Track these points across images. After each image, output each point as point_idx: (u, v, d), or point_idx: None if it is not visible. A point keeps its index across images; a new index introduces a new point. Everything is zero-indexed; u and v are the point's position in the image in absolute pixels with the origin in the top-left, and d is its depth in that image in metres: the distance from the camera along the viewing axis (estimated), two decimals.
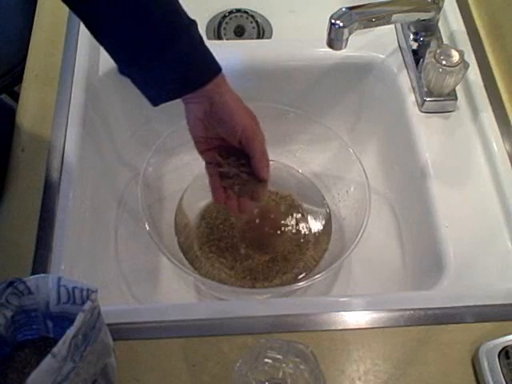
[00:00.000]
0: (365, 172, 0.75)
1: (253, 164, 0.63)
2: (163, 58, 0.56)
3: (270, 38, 0.91)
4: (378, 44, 0.82)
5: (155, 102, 0.60)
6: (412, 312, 0.60)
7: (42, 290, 0.47)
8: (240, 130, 0.61)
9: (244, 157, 0.64)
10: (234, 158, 0.65)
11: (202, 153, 0.66)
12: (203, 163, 0.85)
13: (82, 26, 0.80)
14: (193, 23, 0.58)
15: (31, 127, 0.73)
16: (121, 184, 0.84)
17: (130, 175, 0.85)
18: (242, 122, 0.61)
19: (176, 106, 0.78)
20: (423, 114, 0.75)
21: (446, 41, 0.80)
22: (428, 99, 0.74)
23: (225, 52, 0.63)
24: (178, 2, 0.57)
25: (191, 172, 0.84)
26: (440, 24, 0.79)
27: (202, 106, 0.60)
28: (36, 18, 0.83)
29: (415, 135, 0.74)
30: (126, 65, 0.58)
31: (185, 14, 0.58)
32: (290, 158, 0.86)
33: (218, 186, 0.66)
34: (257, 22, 0.91)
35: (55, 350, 0.41)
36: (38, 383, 0.41)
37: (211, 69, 0.59)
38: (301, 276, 0.75)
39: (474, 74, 0.76)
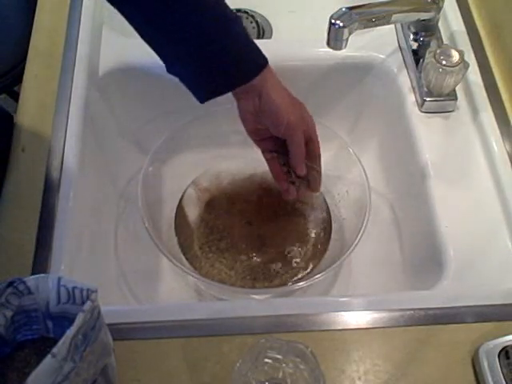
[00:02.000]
0: (365, 172, 0.75)
1: (290, 160, 0.66)
2: (211, 53, 0.56)
3: (270, 38, 0.91)
4: (378, 44, 0.82)
5: (203, 98, 0.60)
6: (412, 312, 0.60)
7: (42, 290, 0.47)
8: (283, 126, 0.62)
9: None
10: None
11: (255, 142, 0.68)
12: (203, 163, 0.85)
13: (83, 26, 0.81)
14: (238, 18, 0.58)
15: (31, 127, 0.73)
16: (121, 184, 0.84)
17: (130, 175, 0.85)
18: (285, 119, 0.62)
19: (176, 106, 0.79)
20: (423, 113, 0.75)
21: (446, 41, 0.80)
22: (428, 99, 0.74)
23: None
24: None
25: (191, 172, 0.84)
26: (440, 24, 0.79)
27: (251, 100, 0.62)
28: (36, 18, 0.83)
29: (415, 135, 0.74)
30: (174, 62, 0.58)
31: (229, 9, 0.58)
32: None
33: (278, 170, 0.69)
34: (257, 22, 0.91)
35: (55, 350, 0.41)
36: (38, 383, 0.41)
37: (258, 62, 0.60)
38: (301, 276, 0.75)
39: (473, 73, 0.76)
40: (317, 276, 0.67)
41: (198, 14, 0.55)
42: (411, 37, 0.79)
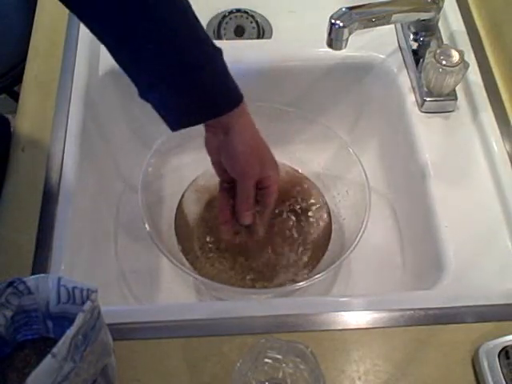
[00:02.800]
0: (365, 172, 0.75)
1: (235, 205, 0.66)
2: (185, 86, 0.56)
3: (269, 38, 0.91)
4: (378, 44, 0.82)
5: (174, 127, 0.60)
6: (412, 312, 0.60)
7: (42, 289, 0.47)
8: (235, 173, 0.63)
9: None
10: None
11: (216, 172, 0.68)
12: (203, 163, 0.85)
13: (82, 26, 0.80)
14: (218, 51, 0.58)
15: (31, 127, 0.73)
16: (121, 184, 0.84)
17: (129, 175, 0.85)
18: (239, 167, 0.63)
19: None
20: (423, 113, 0.75)
21: (446, 41, 0.80)
22: (428, 99, 0.74)
23: (225, 52, 0.63)
24: (204, 31, 0.57)
25: (191, 172, 0.84)
26: (440, 24, 0.79)
27: (217, 136, 0.62)
28: (36, 18, 0.83)
29: (415, 135, 0.74)
30: (147, 90, 0.58)
31: (211, 42, 0.57)
32: (290, 158, 0.86)
33: (225, 205, 0.69)
34: (257, 22, 0.91)
35: (55, 350, 0.41)
36: (38, 383, 0.41)
37: (232, 99, 0.59)
38: (301, 276, 0.75)
39: (473, 73, 0.76)
40: (317, 276, 0.67)
41: (176, 46, 0.55)
42: (411, 37, 0.79)
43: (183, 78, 0.55)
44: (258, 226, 0.70)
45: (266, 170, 0.65)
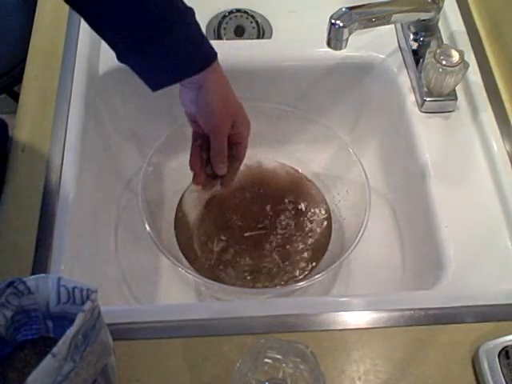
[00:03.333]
0: (365, 172, 0.75)
1: (210, 157, 0.68)
2: (159, 45, 0.58)
3: (269, 38, 0.91)
4: (378, 44, 0.82)
5: (153, 87, 0.62)
6: (412, 312, 0.60)
7: (42, 290, 0.47)
8: (209, 127, 0.65)
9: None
10: None
11: (189, 122, 0.69)
12: None
13: (83, 26, 0.81)
14: (189, 10, 0.59)
15: (31, 127, 0.73)
16: (121, 184, 0.84)
17: (129, 175, 0.85)
18: (212, 122, 0.64)
19: (176, 106, 0.79)
20: (423, 113, 0.75)
21: (446, 41, 0.80)
22: (428, 99, 0.74)
23: (225, 52, 0.63)
24: None
25: (191, 172, 0.84)
26: (440, 24, 0.79)
27: (191, 92, 0.63)
28: (36, 18, 0.83)
29: (415, 135, 0.74)
30: (123, 51, 0.60)
31: (182, 1, 0.59)
32: (290, 158, 0.86)
33: (196, 154, 0.70)
34: (257, 22, 0.91)
35: (55, 350, 0.41)
36: (38, 383, 0.41)
37: (206, 56, 0.61)
38: (301, 276, 0.75)
39: (473, 73, 0.76)
40: (317, 276, 0.67)
41: (147, 4, 0.56)
42: (411, 37, 0.79)
43: (156, 38, 0.57)
44: (228, 179, 0.71)
45: (238, 125, 0.66)
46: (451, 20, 0.81)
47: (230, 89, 0.65)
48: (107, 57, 0.80)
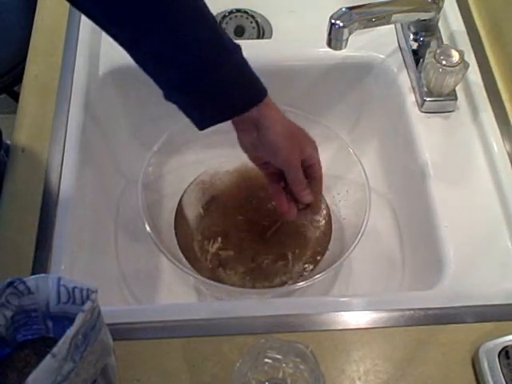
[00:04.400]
0: (365, 172, 0.75)
1: (291, 189, 0.67)
2: (207, 84, 0.56)
3: (270, 38, 0.91)
4: (378, 44, 0.82)
5: (201, 125, 0.60)
6: (412, 312, 0.60)
7: (42, 290, 0.47)
8: (279, 161, 0.63)
9: None
10: None
11: (258, 166, 0.68)
12: (203, 163, 0.85)
13: (83, 26, 0.81)
14: (237, 48, 0.58)
15: (31, 127, 0.73)
16: (121, 184, 0.84)
17: (129, 175, 0.85)
18: (280, 154, 0.63)
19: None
20: (423, 113, 0.75)
21: (446, 41, 0.80)
22: (428, 99, 0.74)
23: None
24: (222, 29, 0.58)
25: (191, 172, 0.84)
26: (440, 24, 0.79)
27: (249, 132, 0.62)
28: (36, 18, 0.83)
29: (415, 135, 0.74)
30: (171, 90, 0.58)
31: (229, 38, 0.57)
32: None
33: (278, 193, 0.69)
34: (257, 22, 0.91)
35: (55, 350, 0.41)
36: (38, 383, 0.41)
37: (256, 93, 0.59)
38: (301, 276, 0.75)
39: (473, 73, 0.76)
40: (317, 276, 0.67)
41: (195, 44, 0.55)
42: (411, 37, 0.79)
43: (205, 76, 0.55)
44: (316, 202, 0.70)
45: (306, 149, 0.65)
46: (451, 20, 0.81)
47: (286, 118, 0.64)
48: (107, 57, 0.80)
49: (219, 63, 0.55)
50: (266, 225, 0.79)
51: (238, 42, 0.88)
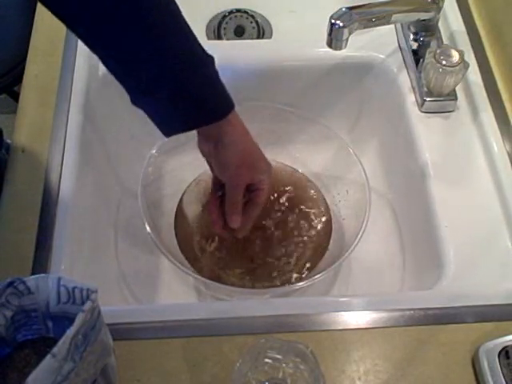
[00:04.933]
0: (365, 172, 0.75)
1: (225, 208, 0.67)
2: (175, 92, 0.56)
3: (270, 38, 0.91)
4: (378, 44, 0.82)
5: (166, 133, 0.60)
6: (412, 312, 0.60)
7: (42, 289, 0.47)
8: (223, 177, 0.64)
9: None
10: None
11: (210, 168, 0.68)
12: (203, 163, 0.85)
13: None
14: (210, 58, 0.57)
15: (31, 128, 0.73)
16: (121, 184, 0.84)
17: (129, 175, 0.85)
18: (228, 176, 0.64)
19: None
20: (423, 113, 0.75)
21: (446, 41, 0.80)
22: (428, 99, 0.74)
23: (225, 52, 0.64)
24: (195, 38, 0.57)
25: (191, 172, 0.84)
26: (440, 24, 0.79)
27: (208, 144, 0.63)
28: (36, 18, 0.83)
29: (415, 135, 0.74)
30: (138, 95, 0.58)
31: (202, 49, 0.57)
32: (290, 158, 0.86)
33: (214, 202, 0.70)
34: (257, 22, 0.91)
35: (55, 350, 0.41)
36: (38, 383, 0.41)
37: (223, 107, 0.59)
38: (301, 276, 0.75)
39: (473, 73, 0.76)
40: (317, 276, 0.67)
41: (167, 54, 0.55)
42: (411, 37, 0.79)
43: (174, 84, 0.55)
44: (242, 227, 0.69)
45: (257, 175, 0.65)
46: (451, 20, 0.81)
47: (249, 139, 0.64)
48: None
49: (189, 73, 0.55)
50: (266, 225, 0.79)
51: (238, 42, 0.89)
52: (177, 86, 0.55)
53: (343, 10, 0.66)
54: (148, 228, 0.69)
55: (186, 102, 0.57)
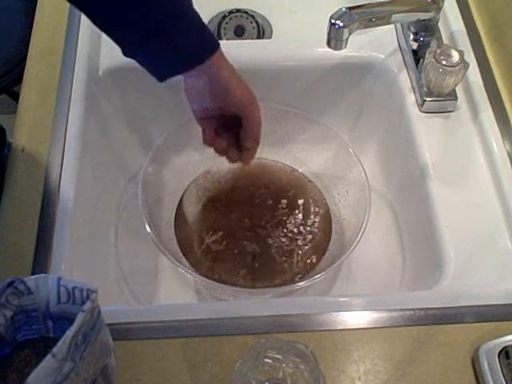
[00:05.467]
0: (365, 172, 0.75)
1: (243, 133, 0.67)
2: (165, 39, 0.58)
3: (270, 37, 0.91)
4: (378, 44, 0.82)
5: (160, 78, 0.63)
6: (412, 312, 0.60)
7: (42, 290, 0.47)
8: (236, 103, 0.65)
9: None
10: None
11: (197, 121, 0.69)
12: (203, 163, 0.85)
13: (83, 26, 0.81)
14: (189, 1, 0.60)
15: (31, 127, 0.73)
16: (121, 184, 0.84)
17: (129, 175, 0.85)
18: (238, 95, 0.64)
19: (176, 105, 0.79)
20: (423, 113, 0.75)
21: (446, 41, 0.80)
22: (428, 99, 0.74)
23: (225, 52, 0.63)
24: None
25: (191, 172, 0.84)
26: (440, 24, 0.79)
27: (200, 80, 0.64)
28: (36, 18, 0.83)
29: (415, 135, 0.74)
30: (128, 47, 0.60)
31: None
32: (290, 158, 0.86)
33: (210, 131, 0.69)
34: (257, 22, 0.91)
35: (55, 350, 0.41)
36: (38, 383, 0.41)
37: (210, 46, 0.62)
38: (301, 276, 0.75)
39: (473, 74, 0.76)
40: (317, 276, 0.67)
41: (149, 1, 0.57)
42: (411, 37, 0.79)
43: (166, 30, 0.58)
44: (250, 155, 0.71)
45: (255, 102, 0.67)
46: (451, 20, 0.81)
47: (236, 71, 0.66)
48: (107, 57, 0.80)
49: (173, 19, 0.58)
50: (266, 224, 0.79)
51: (238, 42, 0.89)
52: (171, 31, 0.58)
53: (343, 10, 0.66)
54: (148, 228, 0.69)
55: (181, 45, 0.60)
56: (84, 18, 0.81)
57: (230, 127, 0.69)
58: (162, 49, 0.60)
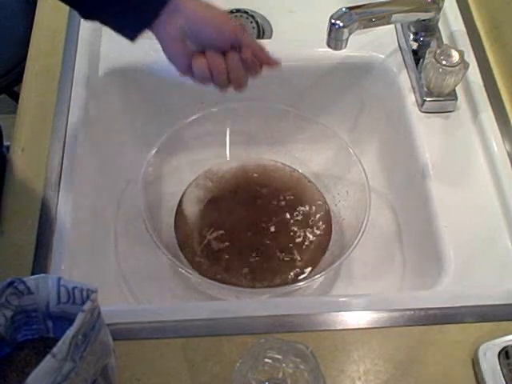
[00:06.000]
0: (365, 172, 0.75)
1: (257, 55, 0.61)
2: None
3: (269, 37, 0.91)
4: (378, 44, 0.82)
5: (129, 36, 0.60)
6: (412, 312, 0.60)
7: (42, 290, 0.47)
8: (226, 32, 0.60)
9: None
10: None
11: (185, 72, 0.63)
12: (203, 163, 0.85)
13: (82, 26, 0.81)
14: None
15: (31, 127, 0.73)
16: (121, 184, 0.84)
17: (129, 175, 0.85)
18: (225, 25, 0.60)
19: (176, 105, 0.79)
20: (423, 113, 0.75)
21: (446, 41, 0.80)
22: (428, 99, 0.74)
23: None
24: None
25: (191, 172, 0.84)
26: (440, 24, 0.79)
27: (175, 25, 0.59)
28: (36, 18, 0.83)
29: (415, 135, 0.74)
30: (88, 7, 0.59)
31: None
32: (290, 158, 0.86)
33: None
34: (257, 22, 0.91)
35: (55, 350, 0.41)
36: (38, 383, 0.41)
37: None
38: (301, 276, 0.75)
39: (473, 74, 0.76)
40: (317, 276, 0.67)
41: None
42: (411, 37, 0.79)
43: None
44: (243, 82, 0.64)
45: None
46: (451, 20, 0.81)
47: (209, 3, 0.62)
48: (107, 57, 0.80)
49: None
50: (266, 225, 0.79)
51: None
52: None
53: (343, 10, 0.66)
54: (148, 228, 0.69)
55: (134, 4, 0.58)
56: None
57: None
58: (118, 8, 0.57)
